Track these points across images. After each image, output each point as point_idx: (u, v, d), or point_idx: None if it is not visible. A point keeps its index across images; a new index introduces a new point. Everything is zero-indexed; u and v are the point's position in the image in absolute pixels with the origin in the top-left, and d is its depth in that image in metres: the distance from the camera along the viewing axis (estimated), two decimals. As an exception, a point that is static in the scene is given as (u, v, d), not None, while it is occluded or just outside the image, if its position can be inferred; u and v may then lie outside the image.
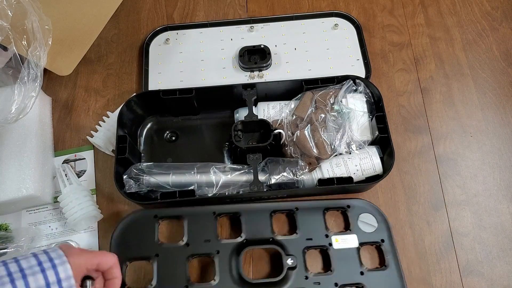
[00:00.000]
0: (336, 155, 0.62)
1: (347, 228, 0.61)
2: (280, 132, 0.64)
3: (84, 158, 0.69)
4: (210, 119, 0.71)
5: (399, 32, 0.79)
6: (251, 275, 0.60)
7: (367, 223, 0.61)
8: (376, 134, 0.62)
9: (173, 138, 0.70)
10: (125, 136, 0.63)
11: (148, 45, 0.78)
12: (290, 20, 0.80)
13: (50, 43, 0.60)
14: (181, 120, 0.71)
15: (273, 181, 0.60)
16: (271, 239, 0.59)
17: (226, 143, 0.68)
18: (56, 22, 0.61)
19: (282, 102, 0.67)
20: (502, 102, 0.72)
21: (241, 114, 0.68)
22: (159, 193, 0.60)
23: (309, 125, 0.63)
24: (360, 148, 0.62)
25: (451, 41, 0.78)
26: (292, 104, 0.66)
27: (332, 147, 0.62)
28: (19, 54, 0.58)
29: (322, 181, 0.60)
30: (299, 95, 0.66)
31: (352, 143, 0.62)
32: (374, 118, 0.62)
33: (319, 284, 0.56)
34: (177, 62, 0.77)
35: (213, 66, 0.76)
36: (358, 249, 0.59)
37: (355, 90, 0.66)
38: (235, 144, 0.62)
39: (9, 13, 0.56)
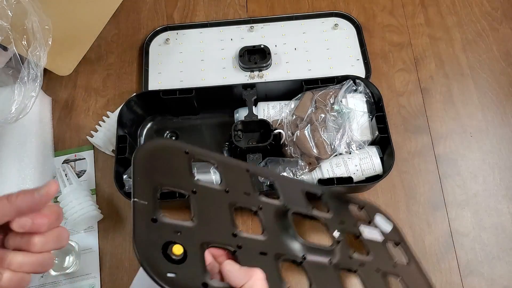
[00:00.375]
0: (336, 155, 0.62)
1: (368, 223, 0.60)
2: (280, 132, 0.64)
3: (84, 158, 0.69)
4: (210, 119, 0.71)
5: (399, 32, 0.79)
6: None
7: (384, 223, 0.60)
8: (376, 134, 0.62)
9: (173, 138, 0.70)
10: (125, 136, 0.63)
11: (148, 45, 0.78)
12: (290, 20, 0.80)
13: (50, 43, 0.60)
14: (181, 120, 0.71)
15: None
16: (309, 213, 0.54)
17: (226, 143, 0.68)
18: (56, 22, 0.61)
19: (282, 102, 0.68)
20: (502, 102, 0.72)
21: (241, 114, 0.68)
22: (159, 193, 0.60)
23: (309, 125, 0.63)
24: (360, 148, 0.62)
25: (451, 41, 0.78)
26: (292, 104, 0.66)
27: (332, 147, 0.62)
28: (19, 54, 0.58)
29: (322, 181, 0.60)
30: (299, 95, 0.66)
31: (352, 143, 0.62)
32: (374, 118, 0.62)
33: (363, 265, 0.51)
34: (177, 62, 0.77)
35: (213, 66, 0.76)
36: (384, 243, 0.57)
37: (355, 90, 0.66)
38: (235, 144, 0.62)
39: (9, 13, 0.56)
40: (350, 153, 0.62)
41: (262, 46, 0.75)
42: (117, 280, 0.62)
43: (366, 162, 0.61)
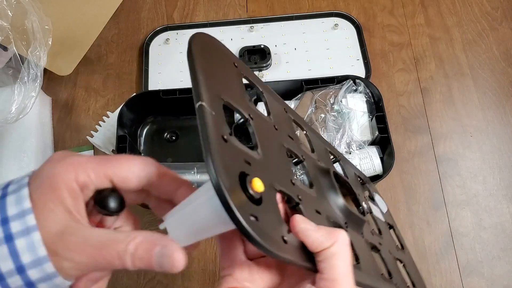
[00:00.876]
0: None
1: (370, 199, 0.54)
2: (280, 132, 0.64)
3: (84, 158, 0.69)
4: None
5: (399, 32, 0.79)
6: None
7: (382, 202, 0.56)
8: (376, 134, 0.62)
9: (173, 138, 0.70)
10: (125, 136, 0.63)
11: (148, 45, 0.78)
12: (290, 20, 0.80)
13: (50, 43, 0.60)
14: (181, 120, 0.71)
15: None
16: (342, 181, 0.45)
17: (226, 143, 0.68)
18: (56, 22, 0.61)
19: (282, 102, 0.67)
20: (502, 102, 0.72)
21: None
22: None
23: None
24: (360, 148, 0.62)
25: (451, 41, 0.78)
26: (292, 104, 0.66)
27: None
28: (19, 54, 0.58)
29: (322, 181, 0.60)
30: (299, 95, 0.66)
31: (352, 143, 0.62)
32: (374, 118, 0.62)
33: (381, 245, 0.45)
34: (177, 62, 0.77)
35: (213, 66, 0.75)
36: (386, 223, 0.52)
37: (355, 90, 0.66)
38: (235, 144, 0.62)
39: (9, 13, 0.56)
40: (350, 153, 0.62)
41: (262, 46, 0.75)
42: (117, 280, 0.62)
43: (366, 162, 0.61)
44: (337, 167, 0.50)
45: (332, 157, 0.51)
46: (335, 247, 0.26)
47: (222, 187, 0.21)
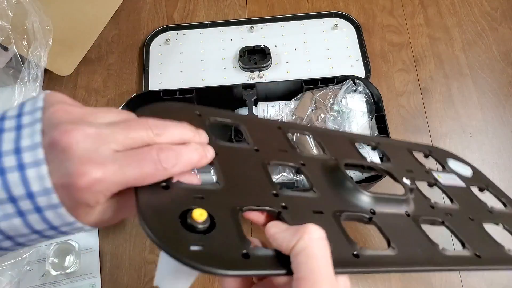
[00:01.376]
0: (336, 155, 0.62)
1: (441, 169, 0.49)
2: (280, 132, 0.64)
3: (85, 158, 0.69)
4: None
5: (398, 32, 0.79)
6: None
7: (460, 167, 0.51)
8: (376, 134, 0.62)
9: (173, 138, 0.70)
10: (126, 136, 0.63)
11: (148, 45, 0.79)
12: (290, 20, 0.80)
13: (50, 43, 0.60)
14: (181, 120, 0.71)
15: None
16: (366, 166, 0.44)
17: (226, 143, 0.68)
18: (57, 22, 0.61)
19: (282, 102, 0.68)
20: (502, 102, 0.72)
21: (241, 114, 0.68)
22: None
23: (309, 125, 0.63)
24: (360, 148, 0.62)
25: (450, 41, 0.78)
26: (292, 104, 0.67)
27: (332, 147, 0.62)
28: (19, 54, 0.58)
29: (322, 181, 0.60)
30: (299, 95, 0.67)
31: (352, 143, 0.62)
32: (373, 118, 0.63)
33: (451, 215, 0.41)
34: (177, 62, 0.77)
35: (213, 66, 0.76)
36: (468, 188, 0.47)
37: (355, 90, 0.66)
38: (235, 144, 0.62)
39: (10, 13, 0.56)
40: (350, 153, 0.62)
41: (262, 46, 0.75)
42: (117, 280, 0.62)
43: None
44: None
45: (366, 146, 0.50)
46: (301, 243, 0.25)
47: (153, 238, 0.24)
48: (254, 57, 0.75)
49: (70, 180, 0.23)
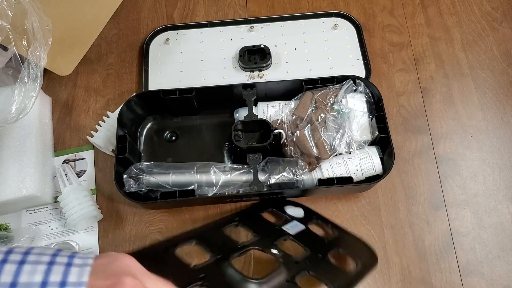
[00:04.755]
0: (336, 155, 0.62)
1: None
2: (280, 132, 0.64)
3: (84, 158, 0.69)
4: (210, 119, 0.71)
5: (399, 32, 0.79)
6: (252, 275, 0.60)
7: (296, 211, 0.63)
8: (376, 134, 0.62)
9: (173, 138, 0.70)
10: (125, 136, 0.63)
11: (148, 45, 0.78)
12: (290, 20, 0.80)
13: (50, 43, 0.60)
14: (181, 120, 0.71)
15: (273, 181, 0.60)
16: (240, 247, 0.55)
17: (226, 143, 0.68)
18: (56, 22, 0.61)
19: (282, 102, 0.67)
20: (502, 102, 0.72)
21: (241, 114, 0.68)
22: (159, 193, 0.60)
23: (309, 125, 0.63)
24: (360, 148, 0.62)
25: (451, 41, 0.78)
26: (292, 104, 0.66)
27: (332, 147, 0.62)
28: (19, 54, 0.58)
29: (322, 181, 0.60)
30: (299, 95, 0.66)
31: (352, 143, 0.62)
32: (374, 118, 0.62)
33: (309, 262, 0.54)
34: (177, 62, 0.77)
35: (213, 66, 0.76)
36: (307, 228, 0.60)
37: (355, 90, 0.66)
38: (235, 144, 0.62)
39: (9, 13, 0.56)
40: (350, 153, 0.62)
41: (262, 46, 0.75)
42: (117, 280, 0.62)
43: (366, 162, 0.61)
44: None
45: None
46: None
47: None
48: (254, 56, 0.75)
49: None
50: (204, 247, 0.53)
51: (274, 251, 0.54)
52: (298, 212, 0.63)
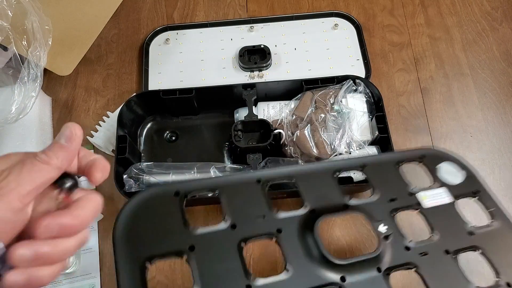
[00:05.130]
0: (336, 155, 0.62)
1: (430, 182, 0.49)
2: (280, 132, 0.64)
3: (84, 158, 0.69)
4: (210, 119, 0.71)
5: (399, 32, 0.79)
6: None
7: (451, 173, 0.48)
8: (376, 134, 0.62)
9: (173, 138, 0.70)
10: (125, 136, 0.63)
11: (148, 45, 0.78)
12: (290, 20, 0.80)
13: (50, 43, 0.60)
14: (181, 120, 0.71)
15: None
16: (344, 205, 0.44)
17: (226, 143, 0.68)
18: (56, 22, 0.61)
19: (282, 102, 0.67)
20: (502, 102, 0.72)
21: (241, 114, 0.68)
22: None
23: (309, 125, 0.63)
24: (360, 148, 0.62)
25: (451, 41, 0.78)
26: (292, 104, 0.66)
27: (332, 147, 0.62)
28: (19, 54, 0.58)
29: (322, 181, 0.60)
30: (299, 95, 0.66)
31: (352, 143, 0.62)
32: (374, 118, 0.62)
33: (426, 254, 0.42)
34: (177, 62, 0.77)
35: (213, 66, 0.76)
36: (453, 204, 0.46)
37: (355, 90, 0.66)
38: (235, 144, 0.62)
39: (9, 13, 0.56)
40: (350, 153, 0.62)
41: (262, 46, 0.75)
42: (117, 280, 0.62)
43: (366, 162, 0.61)
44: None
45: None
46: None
47: None
48: (254, 56, 0.75)
49: None
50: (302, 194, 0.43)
51: (383, 228, 0.42)
52: (455, 176, 0.48)
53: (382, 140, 0.62)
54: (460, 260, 0.42)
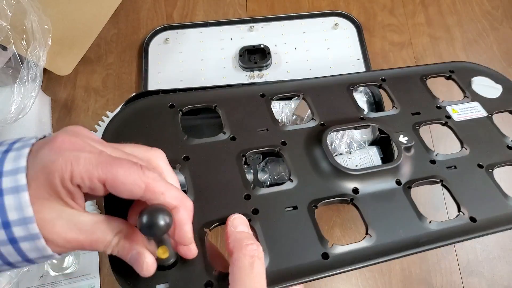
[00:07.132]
0: (336, 155, 0.62)
1: (461, 96, 0.44)
2: (280, 132, 0.63)
3: (84, 158, 0.69)
4: (210, 119, 0.71)
5: (399, 31, 0.79)
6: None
7: (487, 86, 0.44)
8: (376, 134, 0.62)
9: (173, 138, 0.70)
10: (125, 136, 0.62)
11: (147, 44, 0.78)
12: (290, 19, 0.80)
13: (49, 43, 0.60)
14: (181, 120, 0.71)
15: (273, 181, 0.60)
16: (361, 118, 0.40)
17: (226, 143, 0.68)
18: (56, 22, 0.61)
19: (282, 102, 0.67)
20: (503, 101, 0.72)
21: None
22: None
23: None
24: (360, 148, 0.62)
25: (451, 40, 0.77)
26: (292, 104, 0.66)
27: (332, 147, 0.62)
28: (18, 54, 0.58)
29: (322, 181, 0.60)
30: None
31: (352, 143, 0.62)
32: (374, 118, 0.62)
33: (455, 168, 0.39)
34: (177, 62, 0.76)
35: (213, 66, 0.75)
36: (489, 118, 0.43)
37: (355, 90, 0.65)
38: (235, 144, 0.62)
39: (9, 13, 0.56)
40: (350, 153, 0.62)
41: (262, 46, 0.75)
42: (117, 281, 0.61)
43: (366, 162, 0.61)
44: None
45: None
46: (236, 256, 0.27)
47: (123, 283, 0.28)
48: (254, 56, 0.75)
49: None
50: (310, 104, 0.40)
51: (404, 139, 0.38)
52: (491, 90, 0.44)
53: (382, 140, 0.62)
54: (495, 174, 0.39)
